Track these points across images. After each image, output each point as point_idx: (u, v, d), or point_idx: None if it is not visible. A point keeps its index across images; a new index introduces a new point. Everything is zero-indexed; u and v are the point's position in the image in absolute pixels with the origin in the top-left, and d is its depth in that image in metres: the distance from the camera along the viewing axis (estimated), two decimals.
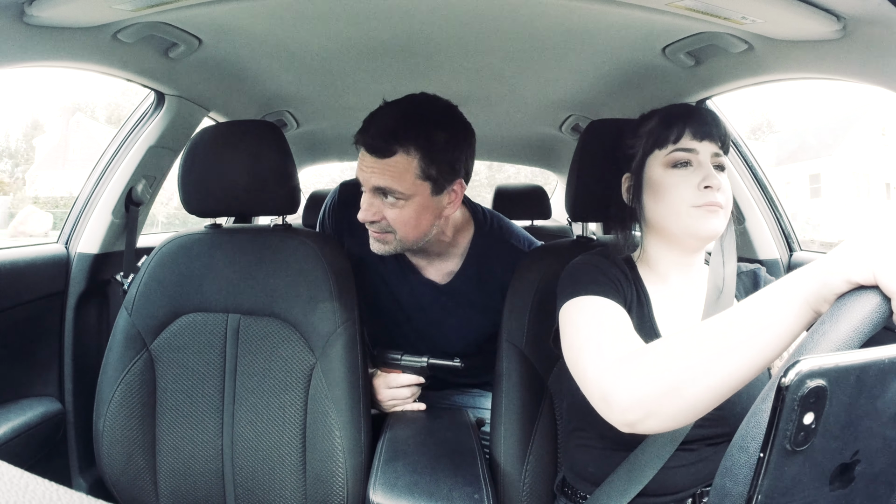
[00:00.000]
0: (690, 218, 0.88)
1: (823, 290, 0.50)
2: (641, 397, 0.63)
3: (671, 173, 0.90)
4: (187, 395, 1.15)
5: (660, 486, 0.85)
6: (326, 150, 2.71)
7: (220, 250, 1.21)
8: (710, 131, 0.90)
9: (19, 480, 0.26)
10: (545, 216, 2.56)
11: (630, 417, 0.64)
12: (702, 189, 0.87)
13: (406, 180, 1.09)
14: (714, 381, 0.58)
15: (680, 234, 0.90)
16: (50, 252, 1.43)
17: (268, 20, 1.16)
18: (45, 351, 1.42)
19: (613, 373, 0.68)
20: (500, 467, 1.09)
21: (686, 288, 0.95)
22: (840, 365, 0.34)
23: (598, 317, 0.80)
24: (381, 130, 1.09)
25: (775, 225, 1.54)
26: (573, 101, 1.73)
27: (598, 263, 0.91)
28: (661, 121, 0.92)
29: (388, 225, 1.13)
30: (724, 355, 0.57)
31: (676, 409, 0.61)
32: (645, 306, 0.91)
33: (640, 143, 0.95)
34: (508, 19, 1.14)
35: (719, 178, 0.88)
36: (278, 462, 1.13)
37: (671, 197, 0.89)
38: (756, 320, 0.55)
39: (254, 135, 1.23)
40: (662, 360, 0.62)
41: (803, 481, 0.36)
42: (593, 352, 0.74)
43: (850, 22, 0.88)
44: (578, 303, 0.84)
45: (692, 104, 0.95)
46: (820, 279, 0.50)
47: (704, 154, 0.89)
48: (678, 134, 0.90)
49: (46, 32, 0.99)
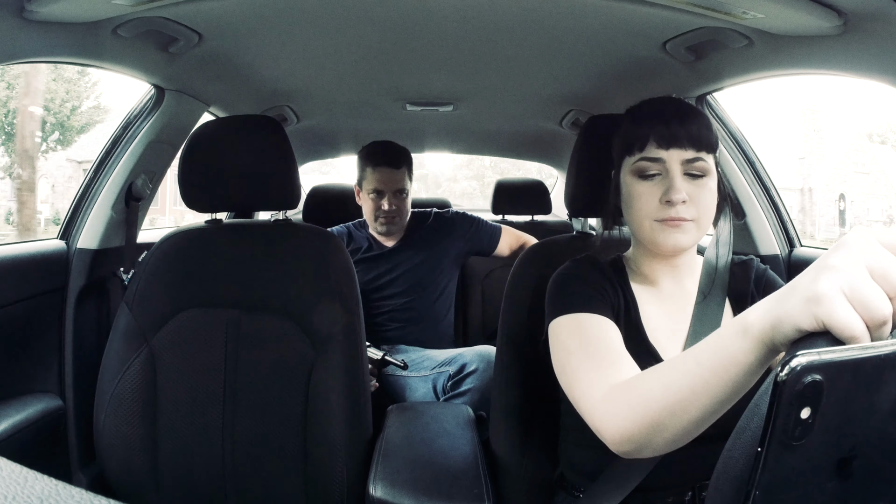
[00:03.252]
0: (653, 231, 0.86)
1: (776, 334, 0.48)
2: (630, 435, 0.65)
3: (638, 183, 0.87)
4: (188, 391, 1.15)
5: (659, 482, 0.85)
6: (327, 146, 2.71)
7: (220, 245, 1.21)
8: (679, 135, 0.84)
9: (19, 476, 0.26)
10: (545, 211, 2.56)
11: (624, 449, 0.67)
12: (663, 203, 0.84)
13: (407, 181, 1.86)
14: (694, 416, 0.59)
15: (647, 244, 0.90)
16: (50, 247, 1.43)
17: (267, 15, 1.15)
18: (45, 347, 1.42)
19: (601, 412, 0.70)
20: (499, 462, 1.09)
21: (674, 289, 0.93)
22: (837, 360, 0.34)
23: (585, 338, 0.81)
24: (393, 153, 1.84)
25: (776, 220, 1.54)
26: (574, 96, 1.73)
27: (583, 273, 0.90)
28: (630, 124, 0.89)
29: (398, 212, 1.84)
30: (696, 394, 0.57)
31: (665, 441, 0.63)
32: (632, 311, 0.90)
33: (617, 146, 0.93)
34: (508, 14, 1.14)
35: (691, 186, 0.85)
36: (278, 457, 1.13)
37: (636, 208, 0.87)
38: (719, 362, 0.54)
39: (254, 130, 1.23)
40: (643, 399, 0.64)
41: (801, 476, 0.36)
42: (583, 383, 0.75)
43: (851, 17, 0.87)
44: (566, 322, 0.84)
45: (667, 101, 0.91)
46: (771, 323, 0.48)
47: (672, 162, 0.84)
48: (643, 142, 0.86)
49: (46, 28, 0.98)
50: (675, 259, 0.92)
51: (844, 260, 0.43)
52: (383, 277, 1.86)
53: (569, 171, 1.14)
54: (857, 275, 0.42)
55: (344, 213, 2.53)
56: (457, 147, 2.95)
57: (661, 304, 0.92)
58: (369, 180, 1.84)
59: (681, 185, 0.84)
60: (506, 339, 1.13)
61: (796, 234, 1.54)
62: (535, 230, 2.53)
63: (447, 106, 1.90)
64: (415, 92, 1.78)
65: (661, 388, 0.61)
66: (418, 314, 1.86)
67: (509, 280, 1.16)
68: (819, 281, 0.43)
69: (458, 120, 2.15)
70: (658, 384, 0.62)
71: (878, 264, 0.42)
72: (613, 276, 0.92)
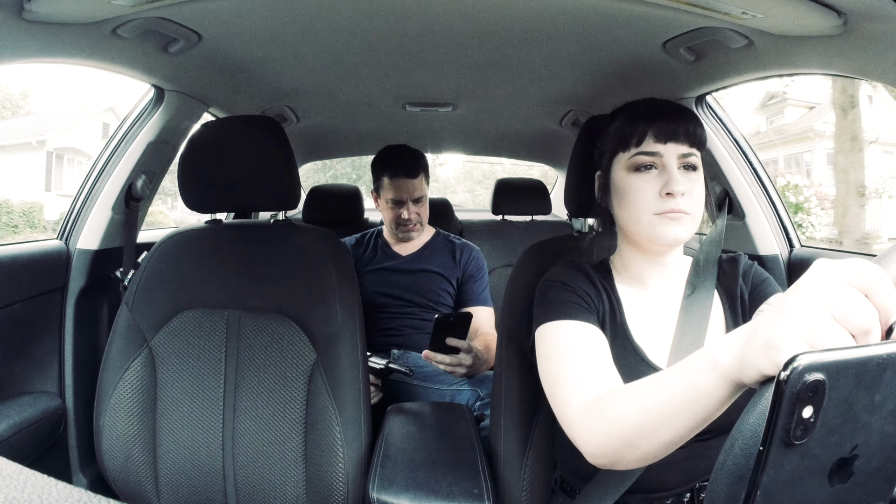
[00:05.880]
0: (651, 225, 0.86)
1: (743, 375, 0.47)
2: (604, 450, 0.67)
3: (634, 177, 0.87)
4: (188, 391, 1.15)
5: (655, 483, 0.85)
6: (326, 146, 2.71)
7: (220, 246, 1.21)
8: (676, 130, 0.86)
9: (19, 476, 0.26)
10: (545, 211, 2.56)
11: (600, 462, 0.70)
12: (663, 196, 0.85)
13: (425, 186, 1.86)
14: (664, 438, 0.59)
15: (643, 240, 0.89)
16: (50, 248, 1.43)
17: (267, 15, 1.15)
18: (45, 347, 1.42)
19: (578, 425, 0.72)
20: (499, 462, 1.09)
21: (661, 288, 0.94)
22: (839, 359, 0.34)
23: (566, 348, 0.81)
24: (410, 163, 1.82)
25: (775, 221, 1.54)
26: (573, 96, 1.73)
27: (568, 279, 0.91)
28: (626, 120, 0.90)
29: (420, 218, 1.85)
30: (667, 419, 0.58)
31: (636, 458, 0.65)
32: (618, 314, 0.90)
33: (608, 143, 0.93)
34: (508, 15, 1.14)
35: (686, 180, 0.86)
36: (279, 457, 1.13)
37: (633, 203, 0.87)
38: (688, 392, 0.54)
39: (254, 130, 1.23)
40: (616, 419, 0.65)
41: (802, 476, 0.36)
42: (562, 395, 0.77)
43: (851, 17, 0.87)
44: (550, 329, 0.85)
45: (660, 99, 0.92)
46: (739, 365, 0.47)
47: (669, 156, 0.86)
48: (640, 136, 0.87)
49: (45, 28, 0.98)
50: (664, 257, 0.93)
51: (803, 304, 0.42)
52: (397, 286, 1.84)
53: (568, 171, 1.14)
54: (816, 320, 0.41)
55: (344, 213, 2.53)
56: (457, 147, 2.95)
57: (647, 303, 0.93)
58: (387, 190, 1.83)
59: (679, 178, 0.85)
60: (506, 339, 1.13)
61: (796, 234, 1.54)
62: (535, 230, 2.53)
63: (447, 106, 1.90)
64: (414, 92, 1.78)
65: (633, 410, 0.62)
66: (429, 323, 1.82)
67: (509, 280, 1.16)
68: (777, 327, 0.42)
69: (457, 120, 2.15)
70: (631, 405, 0.63)
71: (838, 306, 0.41)
72: (598, 279, 0.93)
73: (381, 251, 1.92)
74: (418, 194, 1.83)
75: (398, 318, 1.82)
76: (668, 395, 0.58)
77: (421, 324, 1.80)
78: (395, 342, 1.79)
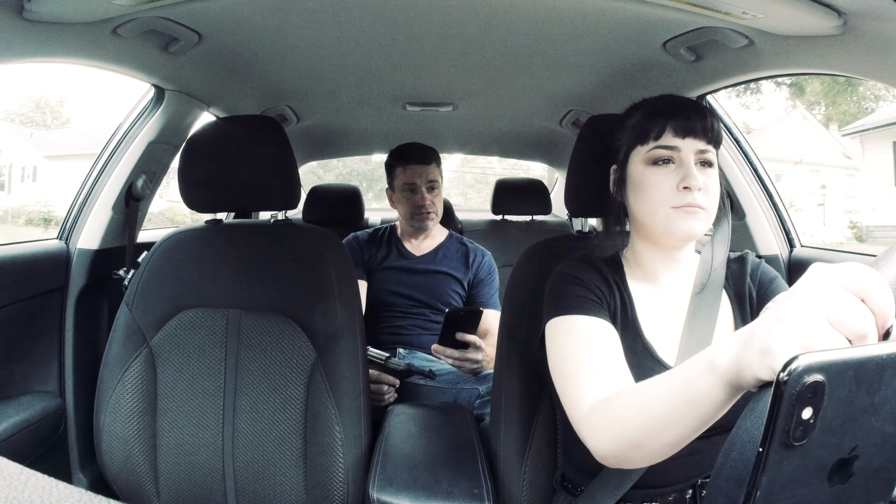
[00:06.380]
0: (668, 218, 0.86)
1: (740, 379, 0.47)
2: (611, 450, 0.68)
3: (652, 171, 0.88)
4: (188, 391, 1.15)
5: (658, 479, 0.85)
6: (327, 146, 2.71)
7: (220, 245, 1.21)
8: (695, 127, 0.87)
9: (19, 476, 0.26)
10: (545, 211, 2.56)
11: (608, 462, 0.71)
12: (681, 189, 0.85)
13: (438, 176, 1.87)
14: (668, 439, 0.60)
15: (658, 234, 0.90)
16: (50, 248, 1.43)
17: (268, 15, 1.15)
18: (46, 347, 1.42)
19: (587, 425, 0.72)
20: (499, 462, 1.09)
21: (673, 285, 0.94)
22: (838, 360, 0.34)
23: (577, 344, 0.82)
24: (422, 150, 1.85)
25: (776, 221, 1.54)
26: (574, 95, 1.73)
27: (579, 274, 0.91)
28: (644, 115, 0.91)
29: (435, 207, 1.84)
30: (670, 421, 0.58)
31: (642, 458, 0.66)
32: (629, 309, 0.91)
33: (625, 137, 0.93)
34: (509, 15, 1.14)
35: (703, 176, 0.86)
36: (278, 457, 1.13)
37: (650, 196, 0.88)
38: (688, 394, 0.55)
39: (254, 130, 1.23)
40: (622, 420, 0.66)
41: (802, 477, 0.36)
42: (572, 393, 0.77)
43: (851, 17, 0.87)
44: (561, 323, 0.85)
45: (680, 96, 0.93)
46: (736, 368, 0.47)
47: (687, 151, 0.87)
48: (659, 131, 0.88)
49: (45, 28, 0.98)
50: (677, 253, 0.93)
51: (799, 309, 0.41)
52: (409, 286, 1.84)
53: (569, 171, 1.14)
54: (812, 325, 0.41)
55: (344, 213, 2.53)
56: (457, 147, 2.95)
57: (659, 299, 0.93)
58: (400, 177, 1.84)
59: (697, 173, 0.85)
60: (506, 339, 1.13)
61: (796, 233, 1.54)
62: (535, 230, 2.53)
63: (447, 106, 1.90)
64: (414, 92, 1.78)
65: (638, 412, 0.63)
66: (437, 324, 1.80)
67: (509, 280, 1.16)
68: (773, 333, 0.42)
69: (457, 120, 2.15)
70: (635, 408, 0.64)
71: (834, 311, 0.40)
72: (610, 274, 0.93)
73: (394, 249, 1.91)
74: (431, 178, 1.83)
75: (407, 317, 1.82)
76: (670, 398, 0.58)
77: (429, 324, 1.80)
78: (402, 341, 1.79)
